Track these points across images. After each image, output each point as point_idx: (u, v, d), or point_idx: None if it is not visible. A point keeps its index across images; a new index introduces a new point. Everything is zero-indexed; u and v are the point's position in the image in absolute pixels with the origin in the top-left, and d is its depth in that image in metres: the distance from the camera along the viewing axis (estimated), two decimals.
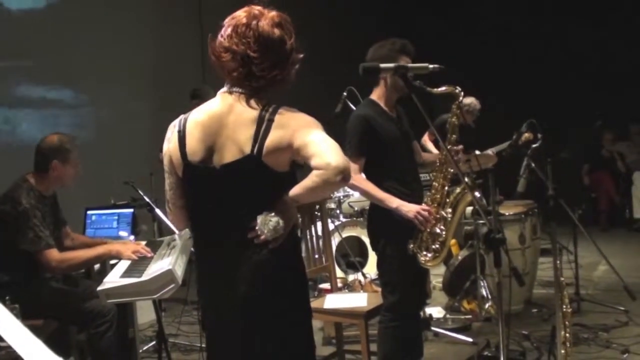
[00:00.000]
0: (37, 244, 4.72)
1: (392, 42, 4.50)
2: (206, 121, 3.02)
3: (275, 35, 2.97)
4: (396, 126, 4.57)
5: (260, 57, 2.94)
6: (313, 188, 2.87)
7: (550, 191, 4.83)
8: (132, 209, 6.06)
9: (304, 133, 2.89)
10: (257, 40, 2.94)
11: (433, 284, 7.61)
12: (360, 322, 4.89)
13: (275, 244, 2.92)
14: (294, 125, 2.92)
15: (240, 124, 2.94)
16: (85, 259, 4.91)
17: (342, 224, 7.62)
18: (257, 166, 2.90)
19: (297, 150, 2.89)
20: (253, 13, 2.99)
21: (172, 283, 3.74)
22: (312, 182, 2.85)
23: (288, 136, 2.89)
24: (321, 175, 2.81)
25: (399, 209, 4.32)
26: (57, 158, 4.93)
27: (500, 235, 3.43)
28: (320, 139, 2.89)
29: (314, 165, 2.83)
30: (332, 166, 2.80)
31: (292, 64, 3.06)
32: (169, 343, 5.84)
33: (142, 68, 9.39)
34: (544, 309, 6.81)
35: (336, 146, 2.89)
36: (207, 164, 2.99)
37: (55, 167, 4.93)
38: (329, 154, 2.83)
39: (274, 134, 2.89)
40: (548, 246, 7.37)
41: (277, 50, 2.98)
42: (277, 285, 2.99)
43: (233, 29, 2.97)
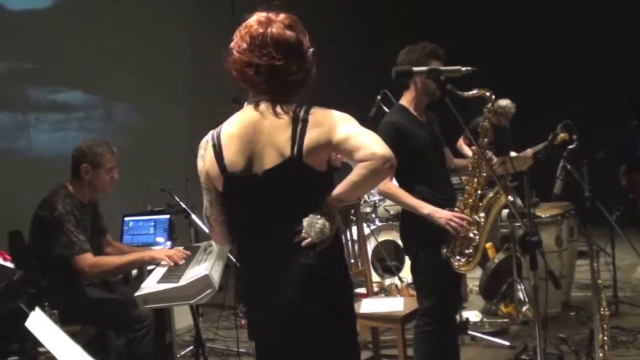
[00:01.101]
0: (71, 248, 4.76)
1: (423, 46, 4.47)
2: (240, 131, 3.02)
3: (292, 38, 2.98)
4: (426, 132, 4.55)
5: (285, 64, 2.94)
6: (359, 182, 2.88)
7: (587, 193, 4.80)
8: (168, 215, 6.11)
9: (342, 128, 2.91)
10: (277, 48, 2.94)
11: (470, 288, 7.58)
12: (396, 326, 4.88)
13: (322, 246, 2.92)
14: (329, 121, 2.93)
15: (276, 128, 2.95)
16: (118, 264, 4.94)
17: (378, 228, 7.60)
18: (298, 167, 2.90)
19: (337, 145, 2.90)
20: (263, 21, 2.99)
21: (209, 288, 3.75)
22: (358, 175, 2.86)
23: (326, 133, 2.90)
24: (368, 166, 2.83)
25: (431, 215, 4.30)
26: (86, 162, 4.97)
27: (536, 238, 3.41)
28: (359, 131, 2.91)
29: (359, 158, 2.85)
30: (379, 155, 2.82)
31: (312, 61, 3.06)
32: (206, 348, 5.87)
33: (178, 74, 9.46)
34: (582, 312, 6.76)
35: (377, 137, 2.91)
36: (248, 172, 2.99)
37: (86, 171, 4.97)
38: (373, 145, 2.85)
39: (311, 133, 2.90)
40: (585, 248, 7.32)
41: (297, 52, 2.99)
42: (324, 288, 2.99)
43: (249, 42, 2.97)
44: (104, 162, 4.99)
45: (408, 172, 4.47)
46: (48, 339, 3.01)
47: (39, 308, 3.40)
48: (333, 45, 10.16)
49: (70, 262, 4.77)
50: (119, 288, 5.33)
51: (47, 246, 4.79)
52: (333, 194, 2.96)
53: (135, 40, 8.63)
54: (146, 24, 8.84)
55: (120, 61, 8.37)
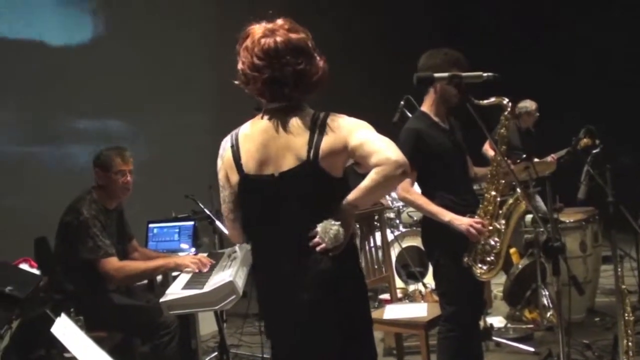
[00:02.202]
0: (97, 252, 4.81)
1: (445, 53, 4.44)
2: (259, 133, 3.07)
3: (300, 39, 3.02)
4: (448, 138, 4.55)
5: (305, 67, 2.99)
6: (373, 187, 2.90)
7: (610, 197, 4.78)
8: (193, 221, 6.14)
9: (357, 133, 2.94)
10: (292, 53, 2.97)
11: (494, 293, 7.56)
12: (420, 332, 4.89)
13: (336, 252, 2.94)
14: (346, 127, 2.97)
15: (293, 132, 2.99)
16: (143, 269, 4.99)
17: (402, 234, 7.60)
18: (314, 171, 2.94)
19: (353, 150, 2.93)
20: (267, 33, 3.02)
21: (234, 294, 3.77)
22: (372, 180, 2.88)
23: (342, 139, 2.94)
24: (381, 171, 2.85)
25: (452, 222, 4.30)
26: (97, 166, 5.07)
27: (559, 243, 3.41)
28: (375, 137, 2.94)
29: (373, 163, 2.87)
30: (392, 160, 2.84)
31: (319, 55, 3.09)
32: (231, 354, 5.89)
33: (201, 81, 9.51)
34: (607, 318, 6.72)
35: (392, 142, 2.94)
36: (264, 173, 3.03)
37: (98, 176, 5.07)
38: (387, 150, 2.88)
39: (327, 138, 2.94)
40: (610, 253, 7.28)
41: (308, 52, 3.03)
42: (338, 292, 3.01)
43: (264, 57, 2.99)
44: (112, 165, 5.05)
45: (430, 178, 4.48)
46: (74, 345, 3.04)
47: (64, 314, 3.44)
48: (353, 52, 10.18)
49: (96, 266, 4.82)
50: (144, 294, 5.37)
51: (73, 251, 4.85)
52: (347, 200, 2.98)
53: (158, 47, 8.70)
54: (169, 32, 8.90)
55: (143, 68, 8.43)
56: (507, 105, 4.32)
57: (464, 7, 13.57)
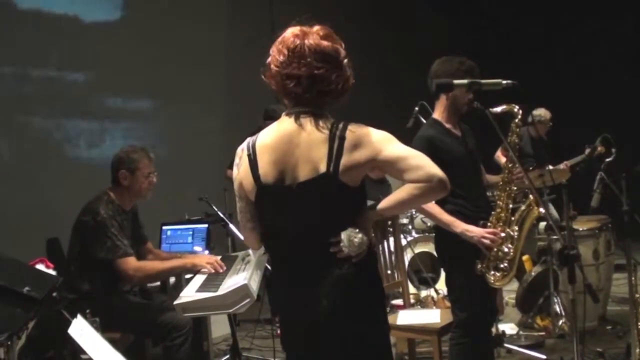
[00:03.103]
0: (115, 252, 4.83)
1: (460, 62, 4.44)
2: (276, 142, 3.03)
3: (329, 47, 2.98)
4: (461, 145, 4.55)
5: (325, 73, 2.95)
6: (409, 201, 2.92)
7: (625, 206, 4.78)
8: (206, 224, 6.15)
9: (389, 147, 2.92)
10: (317, 57, 2.95)
11: (506, 300, 7.55)
12: (433, 338, 4.88)
13: (358, 259, 2.94)
14: (371, 140, 2.93)
15: (311, 143, 2.95)
16: (161, 269, 5.02)
17: (415, 240, 7.59)
18: (334, 184, 2.91)
19: (384, 164, 2.92)
20: (299, 33, 3.01)
21: (248, 298, 3.79)
22: (410, 194, 2.90)
23: (368, 152, 2.91)
24: (423, 187, 2.86)
25: (464, 233, 4.30)
26: (124, 167, 5.05)
27: (575, 251, 3.41)
28: (410, 152, 2.94)
29: (413, 178, 2.87)
30: (437, 178, 2.84)
31: (350, 70, 3.07)
32: (243, 357, 5.90)
33: (216, 84, 9.54)
34: (619, 326, 6.70)
35: (428, 158, 2.93)
36: (281, 184, 3.00)
37: (124, 177, 5.05)
38: (429, 167, 2.88)
39: (349, 152, 2.90)
40: (622, 262, 7.26)
41: (335, 61, 3.00)
42: (358, 300, 3.00)
43: (288, 54, 2.98)
44: (140, 167, 5.06)
45: None
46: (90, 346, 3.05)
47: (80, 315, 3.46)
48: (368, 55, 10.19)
49: (114, 266, 4.83)
50: (157, 296, 5.39)
51: (90, 250, 4.86)
52: (377, 209, 2.99)
53: (173, 49, 8.73)
54: (184, 34, 8.92)
55: (158, 71, 8.46)
56: (517, 112, 4.33)
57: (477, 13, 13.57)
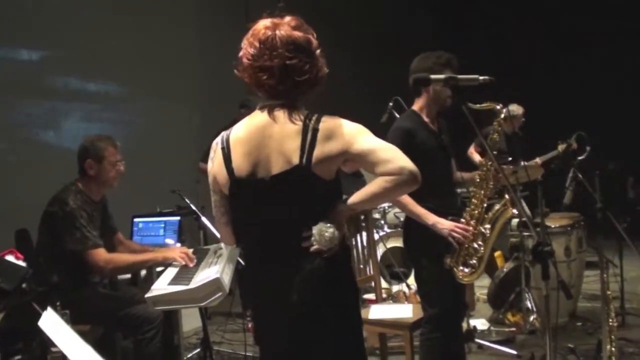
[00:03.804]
0: (85, 243, 4.76)
1: (438, 55, 4.45)
2: (249, 135, 3.03)
3: (301, 37, 2.97)
4: (436, 139, 4.55)
5: (298, 63, 2.94)
6: (380, 194, 2.88)
7: (599, 204, 4.80)
8: (178, 217, 6.12)
9: (360, 139, 2.90)
10: (288, 48, 2.93)
11: (477, 296, 7.58)
12: (405, 333, 4.89)
13: (330, 253, 2.93)
14: (344, 132, 2.92)
15: (285, 135, 2.94)
16: (132, 262, 4.96)
17: (387, 235, 7.60)
18: (306, 176, 2.90)
19: (356, 156, 2.90)
20: (270, 25, 2.99)
21: (220, 291, 3.76)
22: (381, 187, 2.86)
23: (340, 144, 2.89)
24: (394, 180, 2.83)
25: (435, 226, 4.30)
26: (90, 157, 4.98)
27: (549, 248, 3.41)
28: (382, 144, 2.91)
29: (384, 171, 2.84)
30: (407, 170, 2.82)
31: (322, 59, 3.06)
32: (213, 351, 5.87)
33: (189, 75, 9.49)
34: (589, 323, 6.75)
35: (399, 150, 2.90)
36: (254, 177, 2.99)
37: (91, 166, 4.98)
38: (399, 159, 2.85)
39: (322, 144, 2.89)
40: (593, 259, 7.31)
41: (307, 51, 2.98)
42: (329, 294, 2.99)
43: (259, 46, 2.97)
44: (106, 155, 5.00)
45: None
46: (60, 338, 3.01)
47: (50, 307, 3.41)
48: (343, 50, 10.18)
49: (84, 257, 4.77)
50: (128, 289, 5.34)
51: (59, 242, 4.79)
52: (348, 203, 2.97)
53: (146, 41, 8.67)
54: (157, 25, 8.88)
55: (129, 64, 8.40)
56: (500, 110, 4.31)
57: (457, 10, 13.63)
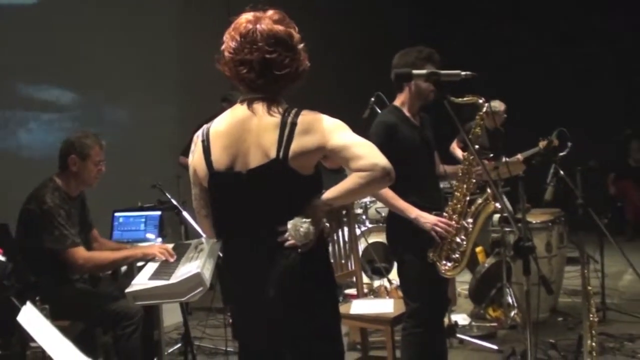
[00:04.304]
0: (63, 242, 4.72)
1: (419, 50, 4.46)
2: (229, 129, 3.03)
3: (282, 31, 2.97)
4: (418, 134, 4.55)
5: (278, 57, 2.94)
6: (354, 190, 2.88)
7: (580, 200, 4.81)
8: (159, 211, 6.09)
9: (337, 135, 2.91)
10: (268, 42, 2.93)
11: (459, 291, 7.59)
12: (386, 328, 4.89)
13: (305, 248, 2.93)
14: (321, 127, 2.92)
15: (263, 129, 2.94)
16: (112, 259, 4.91)
17: (369, 230, 7.58)
18: (283, 170, 2.90)
19: (332, 151, 2.90)
20: (251, 19, 2.99)
21: (201, 286, 3.74)
22: (355, 183, 2.86)
23: (317, 139, 2.90)
24: (367, 176, 2.83)
25: (417, 219, 4.31)
26: (74, 153, 4.92)
27: (530, 243, 3.41)
28: (358, 140, 2.92)
29: (358, 167, 2.85)
30: (380, 167, 2.83)
31: (304, 54, 3.06)
32: (194, 346, 5.85)
33: (170, 71, 9.45)
34: (570, 318, 6.79)
35: (375, 146, 2.91)
36: (233, 170, 3.00)
37: (74, 163, 4.92)
38: (373, 156, 2.86)
39: (299, 138, 2.90)
40: (573, 255, 7.34)
41: (287, 45, 2.98)
42: (305, 290, 2.99)
43: (239, 40, 2.97)
44: (92, 154, 4.95)
45: (398, 174, 4.46)
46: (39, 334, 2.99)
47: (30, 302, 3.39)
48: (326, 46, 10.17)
49: (62, 256, 4.73)
50: (108, 284, 5.31)
51: (37, 240, 4.74)
52: (323, 198, 2.97)
53: (126, 37, 8.62)
54: (137, 22, 8.83)
55: (110, 58, 8.34)
56: (482, 104, 4.32)
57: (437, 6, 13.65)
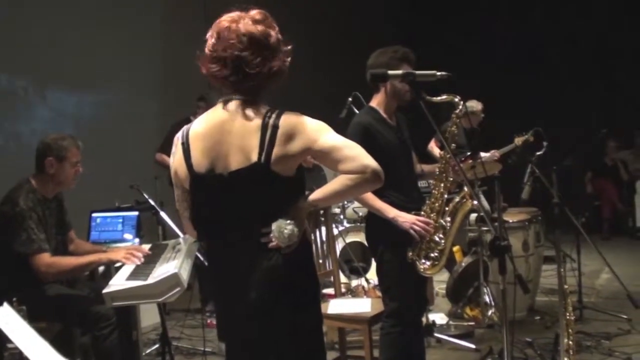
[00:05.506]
0: (29, 246, 4.67)
1: (394, 50, 4.47)
2: (208, 130, 3.02)
3: (258, 31, 2.95)
4: (395, 134, 4.56)
5: (249, 55, 2.93)
6: (343, 192, 2.89)
7: (556, 199, 4.84)
8: (137, 212, 6.07)
9: (323, 137, 2.90)
10: (240, 39, 2.92)
11: (436, 290, 7.61)
12: (363, 327, 4.89)
13: (288, 250, 2.93)
14: (306, 130, 2.91)
15: (244, 131, 2.93)
16: (74, 265, 4.82)
17: (346, 229, 7.61)
18: (265, 173, 2.89)
19: (319, 153, 2.90)
20: (233, 17, 2.99)
21: (178, 286, 3.75)
22: (343, 185, 2.87)
23: (302, 142, 2.89)
24: (356, 178, 2.84)
25: (396, 219, 4.32)
26: (52, 155, 4.88)
27: (506, 242, 3.43)
28: (345, 143, 2.92)
29: (347, 169, 2.85)
30: (371, 169, 2.83)
31: (281, 55, 3.04)
32: (172, 346, 5.83)
33: (147, 70, 9.42)
34: (547, 317, 6.82)
35: (361, 148, 2.91)
36: (213, 172, 2.98)
37: (51, 164, 4.88)
38: (362, 158, 2.86)
39: (282, 142, 2.88)
40: (551, 253, 7.37)
41: (263, 45, 2.96)
42: (288, 290, 2.98)
43: (216, 37, 2.97)
44: (69, 155, 4.92)
45: None
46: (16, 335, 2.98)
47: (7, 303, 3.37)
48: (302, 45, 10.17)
49: (28, 261, 4.68)
50: (86, 284, 5.28)
51: (6, 242, 4.72)
52: (310, 199, 2.96)
53: (105, 33, 8.58)
54: (117, 17, 8.80)
55: (89, 55, 8.30)
56: (458, 103, 4.34)
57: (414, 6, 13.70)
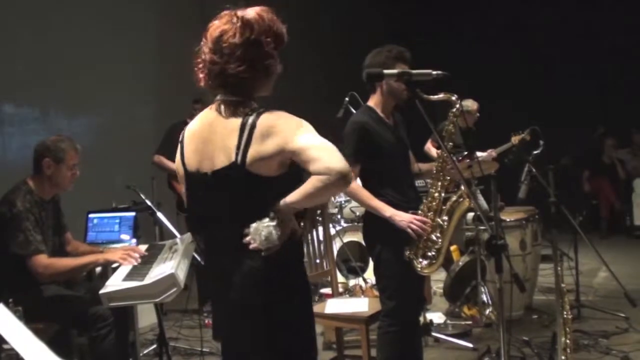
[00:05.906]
0: (26, 248, 4.68)
1: (389, 49, 4.46)
2: (199, 130, 3.06)
3: (245, 39, 2.92)
4: (392, 133, 4.56)
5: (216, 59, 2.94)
6: (313, 193, 2.82)
7: (552, 198, 4.83)
8: (134, 212, 6.07)
9: (297, 137, 2.85)
10: (220, 45, 2.93)
11: (434, 290, 7.61)
12: (361, 327, 4.89)
13: (269, 252, 2.89)
14: (282, 129, 2.87)
15: (226, 131, 2.94)
16: (71, 267, 4.84)
17: (343, 229, 7.61)
18: (242, 174, 2.89)
19: (293, 153, 2.85)
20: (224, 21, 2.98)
21: (175, 287, 3.75)
22: (313, 187, 2.81)
23: (277, 142, 2.85)
24: (323, 180, 2.77)
25: (392, 218, 4.32)
26: (49, 156, 4.89)
27: (502, 242, 3.43)
28: (317, 142, 2.85)
29: (314, 170, 2.79)
30: (335, 170, 2.75)
31: (261, 58, 2.99)
32: (170, 347, 5.84)
33: (144, 72, 9.42)
34: (544, 315, 6.81)
35: (334, 149, 2.85)
36: (200, 171, 3.02)
37: (48, 166, 4.88)
38: (329, 158, 2.79)
39: (258, 142, 2.86)
40: (548, 252, 7.38)
41: (238, 51, 2.93)
42: (270, 291, 2.97)
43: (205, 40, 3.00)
44: (66, 158, 4.92)
45: (373, 173, 4.49)
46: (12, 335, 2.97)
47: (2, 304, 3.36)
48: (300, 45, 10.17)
49: (25, 262, 4.69)
50: (83, 285, 5.28)
51: (3, 243, 4.72)
52: (285, 201, 2.90)
53: (102, 36, 8.58)
54: (113, 20, 8.79)
55: (86, 57, 8.29)
56: (455, 101, 4.33)
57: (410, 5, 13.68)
